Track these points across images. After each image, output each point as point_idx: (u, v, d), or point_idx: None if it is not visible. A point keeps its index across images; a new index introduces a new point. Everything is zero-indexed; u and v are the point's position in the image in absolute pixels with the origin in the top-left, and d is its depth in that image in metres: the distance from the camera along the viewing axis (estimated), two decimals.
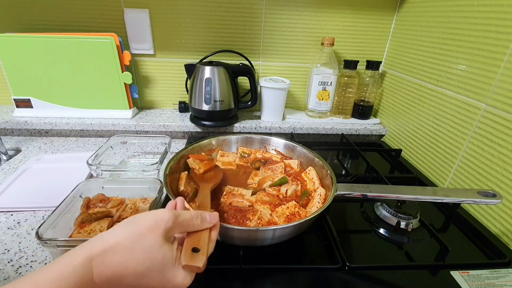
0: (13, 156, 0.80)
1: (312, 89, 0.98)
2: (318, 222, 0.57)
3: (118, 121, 0.92)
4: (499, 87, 0.59)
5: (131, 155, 0.81)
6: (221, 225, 0.40)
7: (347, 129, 0.99)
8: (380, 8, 0.97)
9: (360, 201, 0.66)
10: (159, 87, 1.04)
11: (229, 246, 0.47)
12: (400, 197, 0.53)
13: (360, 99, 1.04)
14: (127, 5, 0.90)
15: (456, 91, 0.70)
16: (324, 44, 0.94)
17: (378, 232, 0.58)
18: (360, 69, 1.01)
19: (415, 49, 0.86)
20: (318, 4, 0.95)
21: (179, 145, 0.93)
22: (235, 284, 0.45)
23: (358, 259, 0.50)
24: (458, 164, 0.69)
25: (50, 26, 0.91)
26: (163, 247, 0.30)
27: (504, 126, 0.58)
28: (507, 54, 0.57)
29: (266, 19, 0.96)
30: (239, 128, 0.97)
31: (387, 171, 0.84)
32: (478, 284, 0.46)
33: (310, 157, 0.66)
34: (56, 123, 0.90)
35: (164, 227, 0.31)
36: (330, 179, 0.56)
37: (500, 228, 0.58)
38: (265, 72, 1.04)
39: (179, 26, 0.95)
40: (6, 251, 0.49)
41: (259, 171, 0.66)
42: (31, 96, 0.90)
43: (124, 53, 0.89)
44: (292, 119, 1.01)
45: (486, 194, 0.48)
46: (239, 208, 0.53)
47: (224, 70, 0.87)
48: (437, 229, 0.60)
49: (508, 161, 0.57)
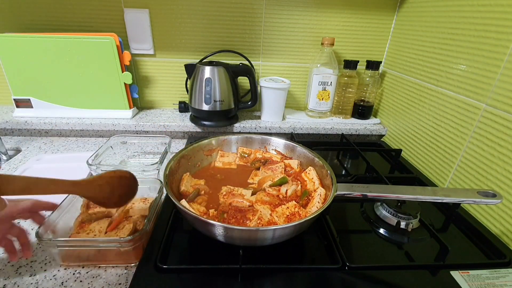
0: (13, 156, 0.80)
1: (312, 89, 0.98)
2: (318, 222, 0.57)
3: (118, 121, 0.92)
4: (499, 87, 0.59)
5: (131, 155, 0.81)
6: (221, 225, 0.40)
7: (347, 129, 0.99)
8: (380, 8, 0.97)
9: (360, 201, 0.66)
10: (159, 87, 1.04)
11: (229, 246, 0.48)
12: (400, 197, 0.53)
13: (360, 99, 1.04)
14: (127, 5, 0.90)
15: (456, 91, 0.70)
16: (324, 44, 0.94)
17: (378, 232, 0.58)
18: (360, 69, 1.01)
19: (415, 49, 0.86)
20: (318, 4, 0.95)
21: (179, 145, 0.93)
22: (235, 284, 0.45)
23: (358, 259, 0.50)
24: (458, 164, 0.69)
25: (50, 26, 0.91)
26: None
27: (504, 126, 0.58)
28: (507, 54, 0.57)
29: (266, 19, 0.96)
30: (239, 128, 0.97)
31: (387, 171, 0.84)
32: (478, 284, 0.46)
33: (310, 157, 0.66)
34: (56, 123, 0.90)
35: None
36: (330, 179, 0.56)
37: (500, 228, 0.58)
38: (265, 72, 1.04)
39: (179, 26, 0.95)
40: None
41: (259, 171, 0.66)
42: (31, 96, 0.90)
43: (124, 53, 0.89)
44: (292, 119, 1.01)
45: (486, 194, 0.48)
46: (239, 208, 0.53)
47: (224, 70, 0.87)
48: (437, 229, 0.60)
49: (508, 161, 0.57)
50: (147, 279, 0.44)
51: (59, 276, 0.45)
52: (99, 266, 0.47)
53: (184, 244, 0.53)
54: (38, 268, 0.46)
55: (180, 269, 0.47)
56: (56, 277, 0.45)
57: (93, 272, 0.46)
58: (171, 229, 0.53)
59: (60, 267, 0.46)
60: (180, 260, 0.49)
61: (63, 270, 0.46)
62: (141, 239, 0.47)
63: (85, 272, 0.46)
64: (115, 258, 0.47)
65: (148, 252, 0.49)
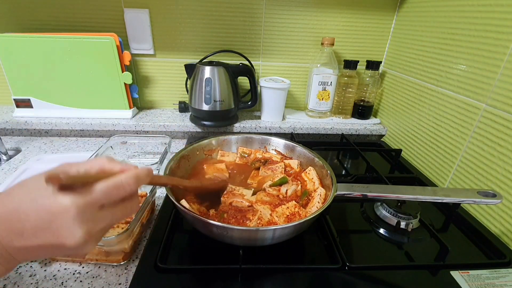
0: (13, 156, 0.80)
1: (312, 89, 0.98)
2: (318, 222, 0.57)
3: (118, 121, 0.92)
4: (499, 87, 0.59)
5: (131, 155, 0.81)
6: (221, 225, 0.40)
7: (347, 129, 0.99)
8: (380, 8, 0.97)
9: (360, 201, 0.66)
10: (159, 87, 1.04)
11: (229, 246, 0.47)
12: (400, 197, 0.53)
13: (360, 99, 1.04)
14: (127, 5, 0.90)
15: (456, 91, 0.70)
16: (324, 44, 0.94)
17: (378, 232, 0.58)
18: (360, 69, 1.01)
19: (415, 49, 0.86)
20: (318, 4, 0.95)
21: (179, 145, 0.93)
22: (235, 284, 0.45)
23: (358, 259, 0.50)
24: (458, 164, 0.69)
25: (50, 26, 0.91)
26: (52, 197, 0.28)
27: (504, 126, 0.58)
28: (507, 54, 0.57)
29: (266, 19, 0.96)
30: (239, 128, 0.97)
31: (387, 171, 0.84)
32: (478, 284, 0.46)
33: (310, 157, 0.66)
34: (56, 123, 0.90)
35: (47, 175, 0.28)
36: (330, 179, 0.56)
37: (500, 228, 0.58)
38: (265, 72, 1.04)
39: (179, 26, 0.95)
40: None
41: (259, 171, 0.66)
42: (31, 96, 0.90)
43: (124, 53, 0.89)
44: (292, 119, 1.01)
45: (486, 194, 0.48)
46: (239, 208, 0.53)
47: (224, 70, 0.87)
48: (437, 229, 0.60)
49: (508, 161, 0.57)
50: (147, 279, 0.44)
51: (59, 276, 0.45)
52: (99, 266, 0.47)
53: (184, 244, 0.53)
54: (38, 268, 0.46)
55: (180, 269, 0.47)
56: (56, 277, 0.45)
57: (93, 272, 0.46)
58: (171, 229, 0.53)
59: (60, 267, 0.46)
60: (180, 260, 0.49)
61: (63, 270, 0.46)
62: (127, 238, 0.46)
63: (85, 272, 0.46)
64: (101, 257, 0.47)
65: (148, 252, 0.49)
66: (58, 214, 0.28)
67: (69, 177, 0.28)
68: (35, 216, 0.28)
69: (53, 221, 0.27)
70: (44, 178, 0.28)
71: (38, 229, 0.28)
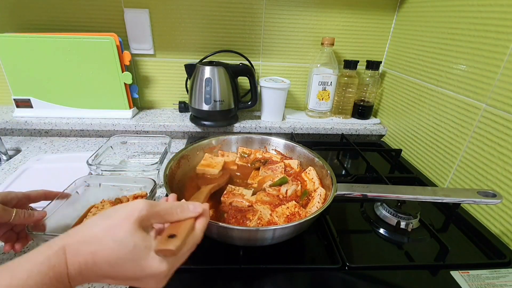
0: (13, 156, 0.80)
1: (312, 89, 0.98)
2: (318, 222, 0.57)
3: (118, 121, 0.92)
4: (499, 87, 0.59)
5: (131, 155, 0.81)
6: (221, 225, 0.40)
7: (347, 129, 0.99)
8: (380, 8, 0.97)
9: (360, 201, 0.66)
10: (159, 87, 1.04)
11: (229, 246, 0.48)
12: (400, 197, 0.53)
13: (360, 99, 1.04)
14: (127, 5, 0.90)
15: (456, 91, 0.70)
16: (324, 44, 0.94)
17: (378, 232, 0.58)
18: (360, 69, 1.01)
19: (415, 49, 0.86)
20: (318, 4, 0.95)
21: (179, 145, 0.93)
22: (235, 284, 0.45)
23: (358, 259, 0.50)
24: (458, 164, 0.69)
25: (50, 26, 0.91)
26: (135, 235, 0.30)
27: (504, 126, 0.58)
28: (507, 54, 0.57)
29: (266, 19, 0.96)
30: (239, 128, 0.97)
31: (387, 171, 0.84)
32: (478, 284, 0.46)
33: (310, 157, 0.66)
34: (56, 123, 0.90)
35: (137, 215, 0.31)
36: (330, 179, 0.56)
37: (500, 228, 0.58)
38: (265, 72, 1.04)
39: (179, 26, 0.95)
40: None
41: (259, 171, 0.66)
42: (31, 96, 0.90)
43: (124, 53, 0.89)
44: (292, 119, 1.01)
45: (486, 194, 0.48)
46: (239, 208, 0.53)
47: (224, 70, 0.87)
48: (437, 229, 0.60)
49: (508, 161, 0.57)
50: None
51: None
52: None
53: None
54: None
55: (180, 269, 0.46)
56: None
57: None
58: None
59: None
60: None
61: None
62: None
63: None
64: None
65: None
66: (153, 275, 0.31)
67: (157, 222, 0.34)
68: (132, 274, 0.30)
69: (145, 278, 0.31)
70: (138, 222, 0.31)
71: (127, 279, 0.31)
